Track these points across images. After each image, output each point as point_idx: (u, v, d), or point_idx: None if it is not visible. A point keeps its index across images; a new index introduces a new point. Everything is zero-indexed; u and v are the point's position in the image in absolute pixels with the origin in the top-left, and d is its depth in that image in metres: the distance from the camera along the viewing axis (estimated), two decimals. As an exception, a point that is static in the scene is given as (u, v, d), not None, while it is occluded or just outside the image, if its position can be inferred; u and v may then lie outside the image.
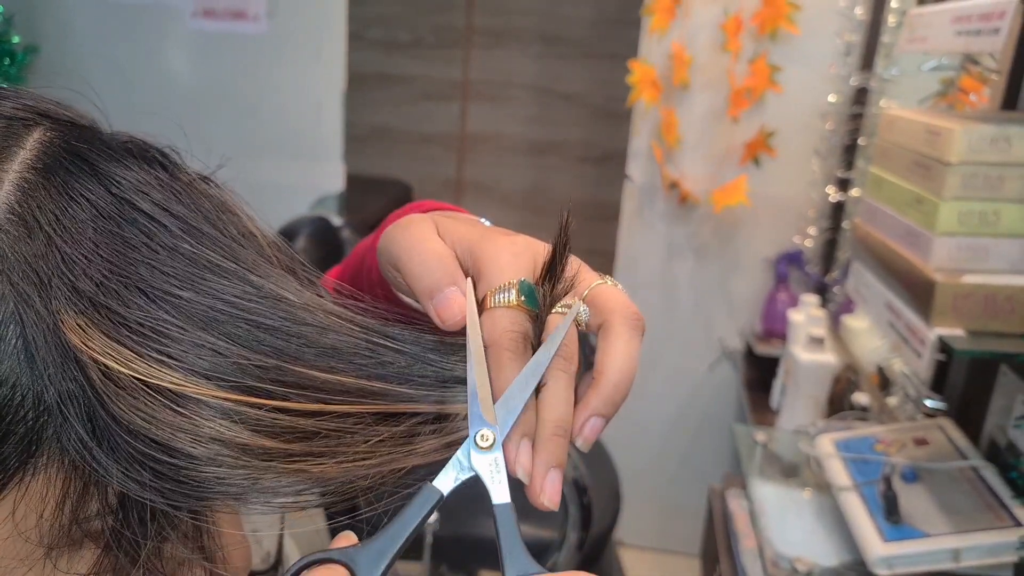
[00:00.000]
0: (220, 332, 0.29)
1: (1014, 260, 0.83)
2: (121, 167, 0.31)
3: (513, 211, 2.97)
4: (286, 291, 0.31)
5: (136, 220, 0.30)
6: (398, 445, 0.31)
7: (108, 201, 0.30)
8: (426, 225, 0.36)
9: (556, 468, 0.31)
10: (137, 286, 0.29)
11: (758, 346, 1.85)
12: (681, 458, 2.16)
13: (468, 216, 0.41)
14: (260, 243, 0.33)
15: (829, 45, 1.74)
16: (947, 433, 1.02)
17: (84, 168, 0.30)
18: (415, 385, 0.32)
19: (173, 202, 0.31)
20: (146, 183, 0.31)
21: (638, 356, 0.33)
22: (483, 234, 0.35)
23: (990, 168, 0.82)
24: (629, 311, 0.34)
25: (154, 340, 0.28)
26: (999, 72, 1.03)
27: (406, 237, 0.36)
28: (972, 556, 0.85)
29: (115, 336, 0.28)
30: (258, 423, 0.28)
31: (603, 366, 0.33)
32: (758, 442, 1.24)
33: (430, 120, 2.99)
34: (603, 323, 0.34)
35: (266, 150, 2.15)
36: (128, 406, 0.27)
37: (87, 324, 0.28)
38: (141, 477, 0.27)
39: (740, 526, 1.07)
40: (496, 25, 2.85)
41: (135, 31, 2.13)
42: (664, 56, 1.84)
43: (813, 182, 1.81)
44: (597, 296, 0.34)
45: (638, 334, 0.34)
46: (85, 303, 0.28)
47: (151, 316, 0.28)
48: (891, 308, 0.92)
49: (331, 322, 0.31)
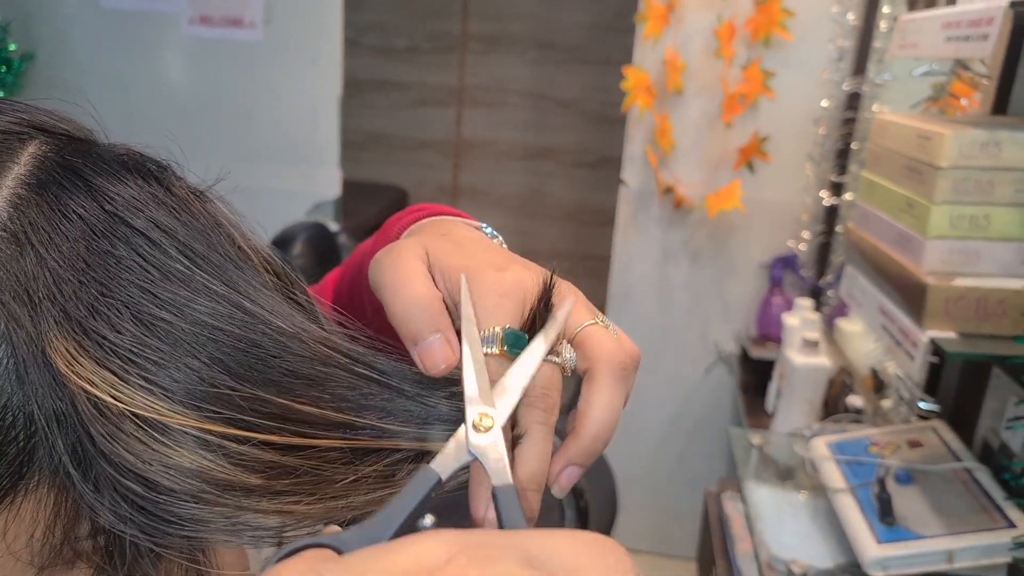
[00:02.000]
0: (207, 359, 0.29)
1: (1005, 263, 0.84)
2: (116, 182, 0.31)
3: (508, 216, 2.98)
4: (277, 318, 0.31)
5: (129, 239, 0.29)
6: (378, 482, 0.30)
7: (101, 219, 0.29)
8: (413, 260, 0.35)
9: (528, 521, 0.31)
10: (128, 309, 0.28)
11: (753, 350, 1.86)
12: (677, 462, 2.17)
13: (468, 227, 0.41)
14: (254, 262, 0.33)
15: (822, 51, 1.75)
16: (940, 435, 1.03)
17: (78, 184, 0.30)
18: (399, 421, 0.31)
19: (167, 219, 0.31)
20: (140, 199, 0.31)
21: (621, 407, 0.33)
22: (471, 269, 0.34)
23: (981, 172, 0.83)
24: (614, 360, 0.33)
25: (141, 367, 0.28)
26: (989, 77, 1.05)
27: (391, 274, 0.34)
28: (966, 557, 0.85)
29: (103, 363, 0.27)
30: (240, 457, 0.28)
31: (583, 416, 0.32)
32: (754, 445, 1.25)
33: (426, 126, 3.00)
34: (588, 370, 0.33)
35: (263, 156, 2.16)
36: (110, 434, 0.27)
37: (76, 349, 0.27)
38: (120, 510, 0.27)
39: (736, 529, 1.07)
40: (491, 31, 2.86)
41: (131, 39, 2.14)
42: (658, 62, 1.86)
43: (807, 187, 1.82)
44: (585, 340, 0.34)
45: (623, 384, 0.33)
46: (74, 327, 0.27)
47: (140, 342, 0.28)
48: (884, 311, 0.93)
49: (319, 352, 0.31)
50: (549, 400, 0.32)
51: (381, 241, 0.45)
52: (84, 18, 2.14)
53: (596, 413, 0.32)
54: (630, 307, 2.07)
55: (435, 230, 0.39)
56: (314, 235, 1.71)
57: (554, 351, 0.32)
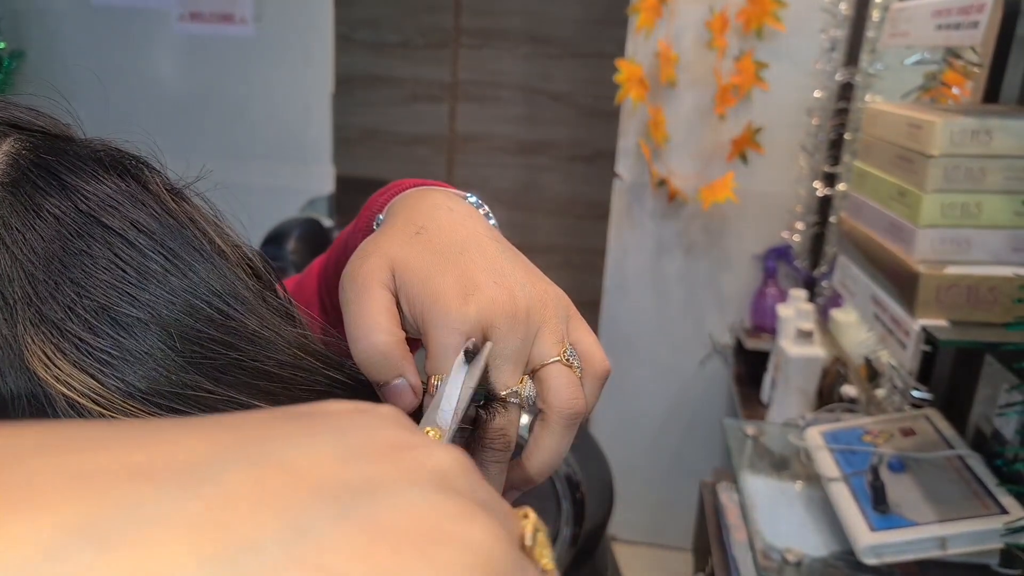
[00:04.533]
0: (186, 362, 0.28)
1: (996, 251, 0.84)
2: (92, 180, 0.30)
3: (503, 210, 2.98)
4: (251, 321, 0.31)
5: (105, 238, 0.29)
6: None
7: (76, 218, 0.29)
8: (376, 293, 0.34)
9: None
10: (104, 310, 0.28)
11: (748, 341, 1.86)
12: (673, 453, 2.17)
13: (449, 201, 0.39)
14: (232, 260, 0.32)
15: (814, 41, 1.75)
16: (933, 423, 1.03)
17: (52, 183, 0.29)
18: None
19: (144, 217, 0.30)
20: (116, 198, 0.30)
21: (566, 450, 0.34)
22: (436, 299, 0.33)
23: (972, 160, 0.83)
24: (567, 409, 0.34)
25: (118, 369, 0.27)
26: (981, 65, 1.05)
27: (355, 310, 0.34)
28: (958, 543, 0.86)
29: (81, 365, 0.27)
30: None
31: (531, 454, 0.35)
32: (748, 436, 1.25)
33: (419, 121, 3.00)
34: (541, 412, 0.34)
35: (256, 153, 2.15)
36: None
37: (53, 351, 0.27)
38: None
39: (731, 519, 1.08)
40: (484, 26, 2.85)
41: (122, 35, 2.13)
42: (651, 54, 1.85)
43: (800, 178, 1.83)
44: (544, 379, 0.34)
45: (571, 430, 0.34)
46: (51, 329, 0.27)
47: (117, 343, 0.28)
48: (877, 301, 0.93)
49: (292, 356, 0.31)
50: (505, 440, 0.34)
51: (363, 220, 0.44)
52: (74, 15, 2.13)
53: (541, 456, 0.34)
54: (625, 300, 2.07)
55: (410, 222, 0.37)
56: (308, 231, 1.71)
57: (513, 391, 0.33)
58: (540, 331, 0.34)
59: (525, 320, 0.33)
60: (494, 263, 0.35)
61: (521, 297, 0.34)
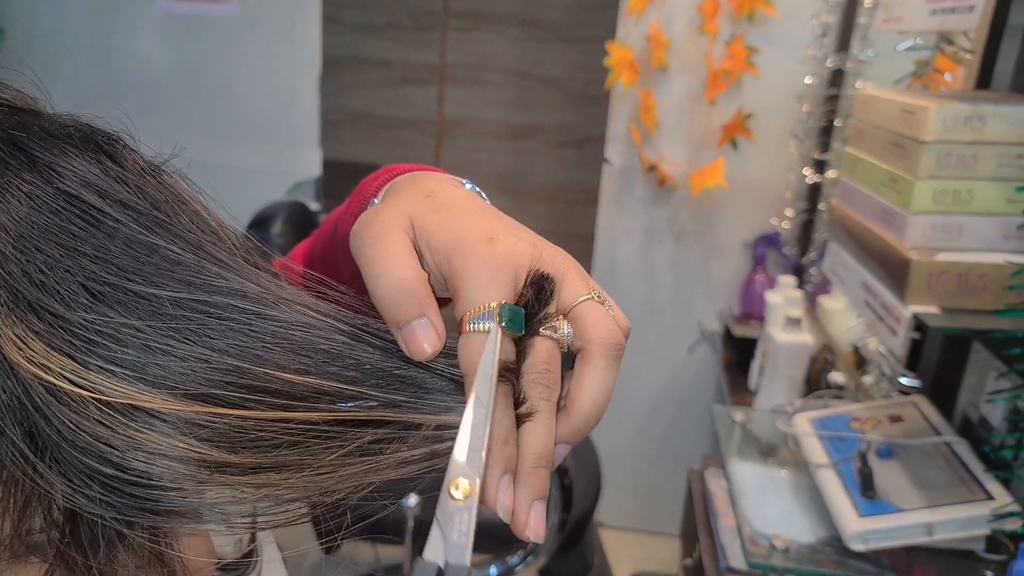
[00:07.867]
0: (174, 331, 0.27)
1: (987, 238, 0.84)
2: (63, 156, 0.29)
3: (491, 195, 2.95)
4: (249, 283, 0.29)
5: (83, 213, 0.28)
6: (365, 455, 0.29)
7: (50, 195, 0.28)
8: (396, 235, 0.33)
9: (540, 500, 0.30)
10: (82, 283, 0.27)
11: (736, 328, 1.86)
12: (661, 439, 2.18)
13: (450, 183, 0.39)
14: (218, 234, 0.31)
15: (806, 27, 1.74)
16: (921, 410, 1.04)
17: (22, 159, 0.28)
18: (389, 390, 0.30)
19: (122, 192, 0.29)
20: (91, 173, 0.29)
21: (613, 387, 0.32)
22: (462, 242, 0.32)
23: (964, 147, 0.82)
24: (609, 340, 0.32)
25: (101, 346, 0.26)
26: (973, 52, 1.04)
27: (373, 252, 0.32)
28: (945, 529, 0.86)
29: (57, 346, 0.26)
30: (217, 435, 0.27)
31: (576, 397, 0.32)
32: (737, 422, 1.25)
33: (407, 104, 2.97)
34: (582, 349, 0.32)
35: (241, 135, 2.12)
36: (74, 422, 0.25)
37: (26, 333, 0.26)
38: (90, 491, 0.26)
39: (719, 505, 1.08)
40: (473, 8, 2.82)
41: (104, 13, 2.08)
42: (642, 38, 1.84)
43: (790, 164, 1.82)
44: (580, 316, 0.33)
45: (616, 364, 0.33)
46: (24, 308, 0.26)
47: (97, 318, 0.26)
48: (867, 287, 0.93)
49: (297, 315, 0.30)
50: (551, 376, 0.32)
51: (355, 204, 0.43)
52: (54, -7, 2.09)
53: (590, 394, 0.32)
54: (614, 286, 2.07)
55: (417, 190, 0.37)
56: (294, 214, 1.69)
57: (551, 327, 0.32)
58: (566, 275, 0.33)
59: (551, 266, 0.33)
60: (509, 223, 0.35)
61: (543, 246, 0.34)
